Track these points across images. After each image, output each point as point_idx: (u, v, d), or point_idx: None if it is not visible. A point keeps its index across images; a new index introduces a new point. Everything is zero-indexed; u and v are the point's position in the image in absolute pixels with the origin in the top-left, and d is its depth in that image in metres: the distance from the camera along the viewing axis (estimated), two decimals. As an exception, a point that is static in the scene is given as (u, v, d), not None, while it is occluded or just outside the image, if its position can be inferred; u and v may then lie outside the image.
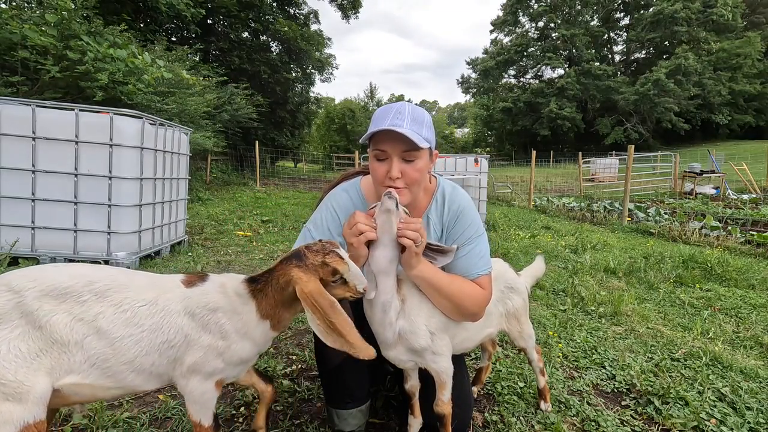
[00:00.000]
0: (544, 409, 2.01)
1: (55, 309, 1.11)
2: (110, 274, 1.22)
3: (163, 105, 7.85)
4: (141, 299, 1.20)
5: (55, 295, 1.13)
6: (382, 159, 1.42)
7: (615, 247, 5.98)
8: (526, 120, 44.47)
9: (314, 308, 1.19)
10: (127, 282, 1.22)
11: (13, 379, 1.05)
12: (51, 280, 1.14)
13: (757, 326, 3.25)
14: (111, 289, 1.18)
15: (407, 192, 1.44)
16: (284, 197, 11.95)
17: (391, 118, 1.38)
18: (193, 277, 1.33)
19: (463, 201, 1.60)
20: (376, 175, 1.44)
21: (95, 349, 1.14)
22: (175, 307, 1.23)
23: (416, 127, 1.39)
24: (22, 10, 6.83)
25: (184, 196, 5.19)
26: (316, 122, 37.32)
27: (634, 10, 43.67)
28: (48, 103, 3.83)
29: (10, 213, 3.81)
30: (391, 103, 1.48)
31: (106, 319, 1.15)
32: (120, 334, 1.16)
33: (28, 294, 1.10)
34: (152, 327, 1.19)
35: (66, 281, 1.15)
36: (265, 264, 4.54)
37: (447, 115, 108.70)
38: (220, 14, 19.20)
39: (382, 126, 1.36)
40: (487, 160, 8.03)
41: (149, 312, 1.20)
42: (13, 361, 1.06)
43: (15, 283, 1.11)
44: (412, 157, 1.40)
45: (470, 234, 1.56)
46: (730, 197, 12.94)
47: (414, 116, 1.40)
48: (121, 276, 1.23)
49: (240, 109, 14.56)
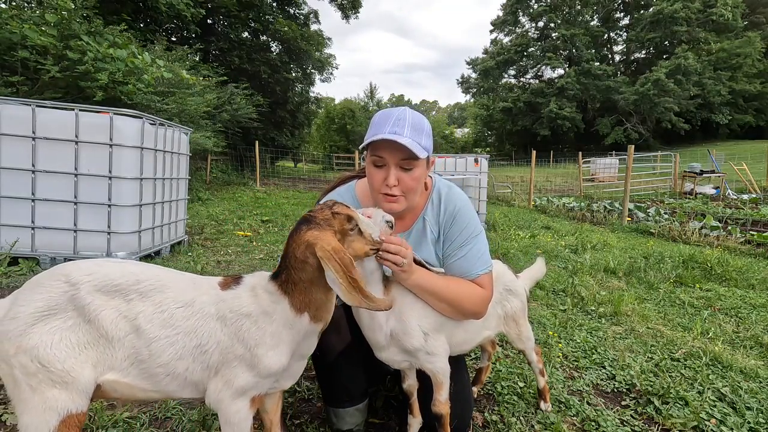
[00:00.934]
0: (544, 409, 2.01)
1: (104, 304, 1.13)
2: (156, 273, 1.22)
3: (163, 105, 7.85)
4: (179, 300, 1.19)
5: (107, 290, 1.15)
6: (379, 165, 1.42)
7: (615, 247, 5.98)
8: (526, 120, 44.47)
9: (338, 266, 1.11)
10: (169, 282, 1.21)
11: (62, 368, 1.07)
12: (104, 276, 1.16)
13: (757, 326, 3.25)
14: (154, 289, 1.18)
15: (403, 199, 1.45)
16: (284, 197, 11.96)
17: (391, 124, 1.37)
18: (229, 279, 1.29)
19: (458, 201, 1.59)
20: (373, 181, 1.44)
21: (134, 348, 1.15)
22: (209, 310, 1.20)
23: (416, 135, 1.38)
24: (22, 10, 6.83)
25: (184, 196, 5.19)
26: (316, 122, 37.32)
27: (634, 10, 43.67)
28: (48, 103, 3.83)
29: (10, 213, 3.81)
30: (392, 107, 1.48)
31: (146, 319, 1.15)
32: (156, 334, 1.15)
33: (83, 287, 1.13)
34: (187, 330, 1.18)
35: (117, 278, 1.16)
36: (265, 264, 4.54)
37: (447, 115, 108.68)
38: (220, 14, 19.19)
39: (382, 133, 1.35)
40: (487, 160, 8.03)
41: (185, 314, 1.18)
42: (63, 350, 1.08)
43: (73, 276, 1.14)
44: (410, 166, 1.40)
45: (468, 234, 1.55)
46: (730, 197, 12.95)
47: (414, 124, 1.40)
48: (166, 276, 1.23)
49: (240, 109, 14.55)
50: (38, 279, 1.16)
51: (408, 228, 1.60)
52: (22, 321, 1.09)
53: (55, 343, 1.08)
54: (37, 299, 1.11)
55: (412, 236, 1.60)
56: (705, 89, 37.36)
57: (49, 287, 1.13)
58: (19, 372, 1.07)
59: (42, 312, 1.10)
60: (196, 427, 1.76)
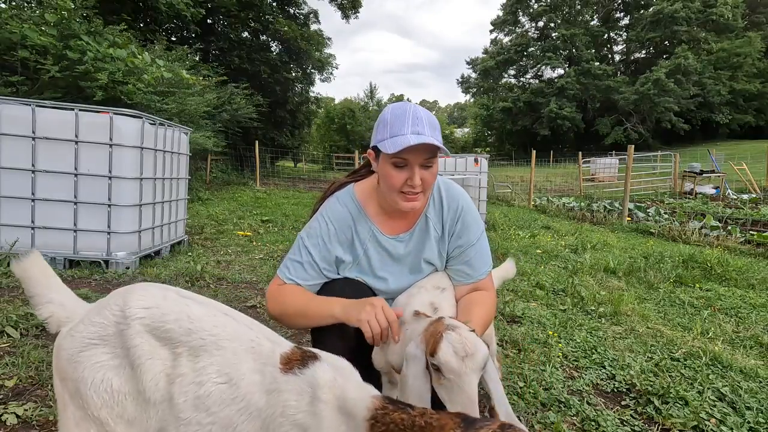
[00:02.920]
0: None
1: (152, 353, 0.94)
2: (214, 322, 0.98)
3: (162, 105, 7.85)
4: (225, 373, 0.92)
5: (158, 335, 0.95)
6: (401, 166, 1.39)
7: (615, 247, 5.98)
8: (526, 120, 44.48)
9: None
10: (225, 339, 0.96)
11: (97, 416, 0.93)
12: (160, 316, 0.97)
13: (757, 326, 3.25)
14: (204, 346, 0.94)
15: (422, 196, 1.44)
16: (284, 197, 11.96)
17: (410, 125, 1.36)
18: (297, 355, 0.97)
19: (461, 199, 1.60)
20: (393, 182, 1.41)
21: (163, 422, 0.93)
22: (256, 402, 0.91)
23: (435, 133, 1.38)
24: (21, 10, 6.84)
25: (184, 195, 5.19)
26: (316, 122, 37.30)
27: (634, 10, 43.68)
28: (48, 103, 3.83)
29: (9, 213, 3.81)
30: (397, 102, 1.47)
31: (181, 389, 0.92)
32: (186, 416, 0.91)
33: (134, 325, 0.95)
34: (222, 422, 0.90)
35: (171, 321, 0.96)
36: (264, 264, 4.54)
37: (447, 114, 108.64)
38: (220, 14, 19.18)
39: (405, 135, 1.34)
40: (487, 160, 8.04)
41: (225, 397, 0.91)
42: (102, 395, 0.93)
43: (129, 306, 0.97)
44: (431, 163, 1.40)
45: (476, 233, 1.57)
46: (730, 197, 12.95)
47: (430, 122, 1.39)
48: (224, 328, 0.98)
49: (240, 108, 14.56)
50: (106, 299, 1.03)
51: (411, 226, 1.60)
52: (77, 342, 0.97)
53: (96, 384, 0.93)
54: (95, 323, 0.98)
55: (416, 235, 1.60)
56: (705, 89, 37.38)
57: (106, 312, 0.99)
58: (68, 398, 0.97)
59: (93, 339, 0.96)
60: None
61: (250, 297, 3.42)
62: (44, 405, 1.82)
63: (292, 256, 1.55)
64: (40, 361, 2.15)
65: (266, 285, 3.81)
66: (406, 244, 1.59)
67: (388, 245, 1.58)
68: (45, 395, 1.90)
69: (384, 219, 1.58)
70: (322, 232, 1.54)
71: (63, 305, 1.08)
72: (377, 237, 1.58)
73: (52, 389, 1.93)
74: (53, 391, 1.90)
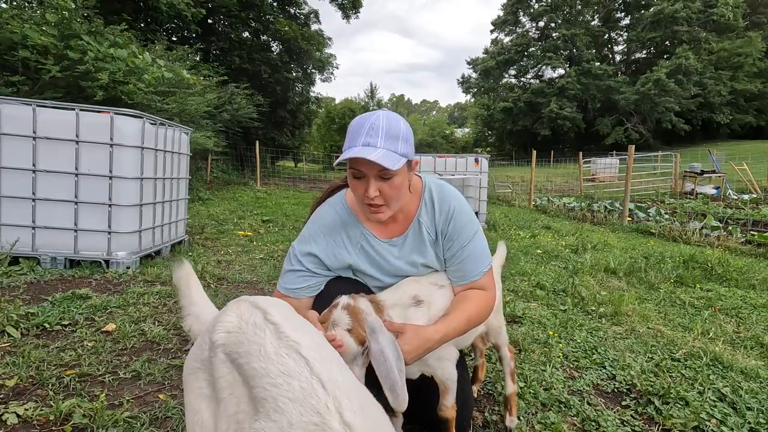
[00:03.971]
0: (509, 425, 1.82)
1: (234, 389, 0.81)
2: (281, 372, 0.78)
3: (163, 105, 7.85)
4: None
5: (239, 368, 0.82)
6: (358, 177, 1.39)
7: (615, 247, 5.98)
8: (526, 120, 44.44)
9: None
10: (285, 402, 0.75)
11: None
12: (236, 345, 0.84)
13: (758, 326, 3.25)
14: (264, 401, 0.76)
15: (386, 208, 1.43)
16: (284, 197, 11.96)
17: (364, 135, 1.34)
18: None
19: (453, 200, 1.57)
20: (356, 192, 1.43)
21: None
22: None
23: (391, 143, 1.34)
24: (22, 10, 6.84)
25: (184, 195, 5.20)
26: (317, 122, 37.30)
27: (634, 10, 43.64)
28: (49, 103, 3.83)
29: (10, 212, 3.81)
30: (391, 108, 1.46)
31: None
32: None
33: (218, 351, 0.84)
34: None
35: (242, 355, 0.82)
36: (265, 264, 4.54)
37: (447, 114, 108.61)
38: (221, 14, 19.19)
39: (355, 146, 1.33)
40: (487, 160, 8.04)
41: None
42: (194, 427, 0.85)
43: (215, 330, 0.86)
44: (388, 176, 1.36)
45: (468, 235, 1.54)
46: (731, 197, 12.94)
47: (388, 131, 1.35)
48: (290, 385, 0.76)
49: (240, 108, 14.56)
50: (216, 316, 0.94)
51: (404, 231, 1.59)
52: (187, 364, 0.91)
53: (193, 412, 0.85)
54: (199, 344, 0.90)
55: (409, 240, 1.59)
56: (706, 89, 37.34)
57: (205, 335, 0.89)
58: None
59: (196, 363, 0.88)
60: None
61: (251, 297, 3.41)
62: (44, 405, 1.82)
63: (287, 267, 1.56)
64: (40, 361, 2.15)
65: (267, 285, 3.81)
66: (399, 249, 1.59)
67: (381, 248, 1.58)
68: (45, 395, 1.90)
69: (375, 224, 1.58)
70: (315, 241, 1.55)
71: (198, 318, 1.06)
72: (370, 241, 1.58)
73: (52, 389, 1.93)
74: (53, 390, 1.91)
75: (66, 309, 2.83)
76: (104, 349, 2.35)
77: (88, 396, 1.92)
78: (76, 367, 2.15)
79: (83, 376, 2.08)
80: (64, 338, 2.46)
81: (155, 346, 2.46)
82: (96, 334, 2.53)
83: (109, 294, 3.25)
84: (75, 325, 2.64)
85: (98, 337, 2.49)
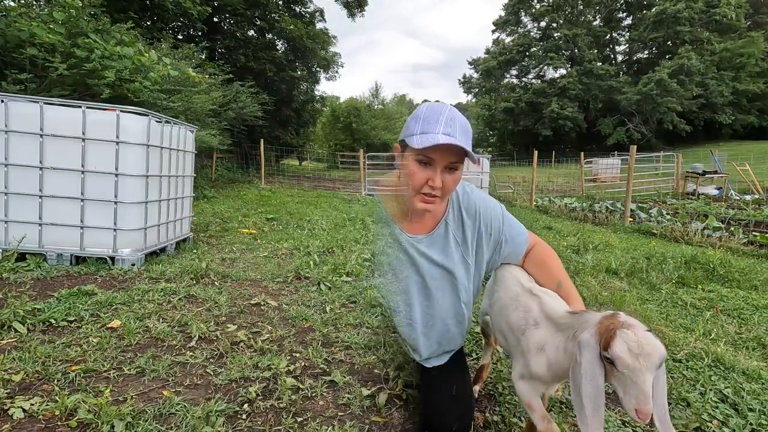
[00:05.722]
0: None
1: None
2: None
3: (169, 103, 7.87)
4: None
5: None
6: (425, 163, 1.38)
7: (617, 248, 5.98)
8: (527, 120, 44.41)
9: None
10: None
11: None
12: None
13: (760, 327, 3.26)
14: None
15: (439, 200, 1.43)
16: (289, 195, 11.97)
17: (443, 125, 1.33)
18: None
19: (473, 198, 1.64)
20: (415, 179, 1.40)
21: None
22: None
23: (465, 138, 1.36)
24: (30, 8, 6.86)
25: (189, 193, 5.22)
26: (321, 120, 37.31)
27: (636, 10, 43.58)
28: (55, 101, 3.85)
29: (18, 209, 3.84)
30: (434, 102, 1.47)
31: None
32: None
33: None
34: None
35: None
36: (268, 262, 4.56)
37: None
38: (226, 12, 19.21)
39: (435, 134, 1.31)
40: (488, 160, 8.05)
41: None
42: None
43: None
44: (456, 167, 1.39)
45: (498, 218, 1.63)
46: (733, 198, 12.91)
47: (463, 126, 1.37)
48: None
49: (245, 107, 14.56)
50: None
51: (429, 231, 1.61)
52: None
53: None
54: None
55: (434, 240, 1.61)
56: (708, 89, 37.27)
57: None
58: None
59: None
60: (200, 423, 1.77)
61: (255, 295, 3.44)
62: (50, 400, 1.84)
63: None
64: (46, 357, 2.17)
65: (270, 283, 3.83)
66: (421, 245, 1.61)
67: (406, 244, 1.61)
68: (51, 390, 1.92)
69: (401, 219, 1.61)
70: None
71: None
72: (399, 236, 1.61)
73: (57, 384, 1.95)
74: (59, 386, 1.93)
75: (72, 305, 2.85)
76: (109, 345, 2.37)
77: (93, 391, 1.94)
78: (81, 362, 2.17)
79: (88, 371, 2.10)
80: (69, 334, 2.48)
81: (159, 342, 2.48)
82: (101, 330, 2.55)
83: (114, 291, 3.28)
84: (80, 321, 2.66)
85: (103, 333, 2.51)
